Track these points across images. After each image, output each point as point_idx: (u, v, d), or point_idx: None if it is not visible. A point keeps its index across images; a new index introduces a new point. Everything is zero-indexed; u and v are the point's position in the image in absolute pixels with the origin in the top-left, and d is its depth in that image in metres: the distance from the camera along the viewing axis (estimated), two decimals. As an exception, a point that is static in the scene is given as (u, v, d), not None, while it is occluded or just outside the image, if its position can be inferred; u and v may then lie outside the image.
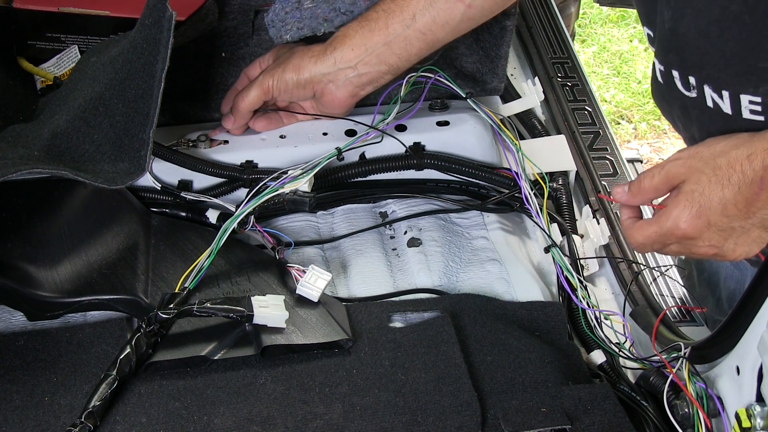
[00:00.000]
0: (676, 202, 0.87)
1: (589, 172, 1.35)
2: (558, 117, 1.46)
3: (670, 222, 0.87)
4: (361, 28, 1.17)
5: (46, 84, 1.31)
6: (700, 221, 0.85)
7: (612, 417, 0.94)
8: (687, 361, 0.95)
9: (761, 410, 0.81)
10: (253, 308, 0.99)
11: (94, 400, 0.90)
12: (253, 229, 1.11)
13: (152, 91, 1.04)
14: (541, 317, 1.09)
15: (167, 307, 0.98)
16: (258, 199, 1.09)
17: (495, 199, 1.24)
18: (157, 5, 1.04)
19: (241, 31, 1.28)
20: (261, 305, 1.00)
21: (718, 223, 0.85)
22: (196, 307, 0.97)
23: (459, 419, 0.92)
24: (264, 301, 1.00)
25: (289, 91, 1.21)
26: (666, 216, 0.88)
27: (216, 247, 1.05)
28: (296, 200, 1.09)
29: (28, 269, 1.03)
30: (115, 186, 1.03)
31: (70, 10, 1.28)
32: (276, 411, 0.93)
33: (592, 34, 3.82)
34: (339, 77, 1.19)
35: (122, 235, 1.10)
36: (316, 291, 1.04)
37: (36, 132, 1.11)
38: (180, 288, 1.02)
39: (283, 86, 1.20)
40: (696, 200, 0.85)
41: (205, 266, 1.04)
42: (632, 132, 3.39)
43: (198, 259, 1.05)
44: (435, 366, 0.99)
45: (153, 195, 1.18)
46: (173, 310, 0.97)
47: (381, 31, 1.15)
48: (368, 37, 1.16)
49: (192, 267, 1.04)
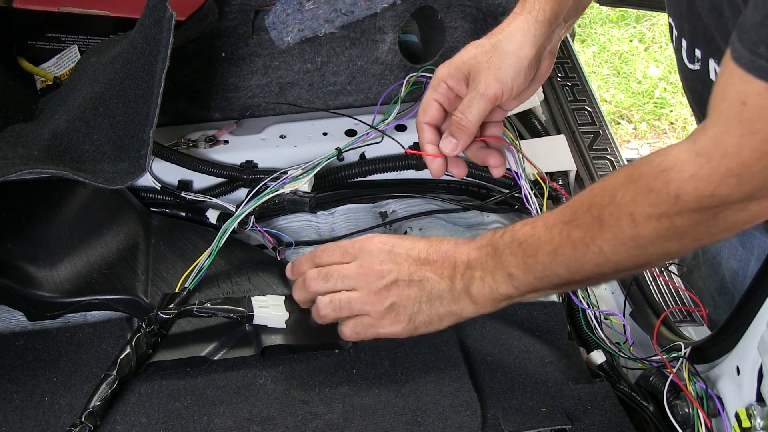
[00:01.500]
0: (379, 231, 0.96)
1: (589, 172, 1.35)
2: (558, 117, 1.46)
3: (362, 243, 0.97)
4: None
5: (46, 84, 1.31)
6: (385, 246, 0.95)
7: (612, 417, 0.94)
8: (687, 361, 0.95)
9: (761, 410, 0.81)
10: (253, 308, 0.99)
11: (94, 400, 0.90)
12: (254, 229, 1.11)
13: (152, 91, 1.04)
14: (541, 317, 1.09)
15: (167, 307, 0.98)
16: (258, 199, 1.09)
17: (495, 199, 1.24)
18: (157, 5, 1.04)
19: (241, 31, 1.28)
20: (261, 305, 0.99)
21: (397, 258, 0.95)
22: (196, 308, 0.97)
23: (459, 419, 0.92)
24: (264, 302, 1.00)
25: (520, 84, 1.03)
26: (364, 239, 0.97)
27: (216, 247, 1.05)
28: (296, 200, 1.09)
29: (28, 269, 1.03)
30: (115, 186, 1.03)
31: (70, 10, 1.28)
32: (276, 411, 0.93)
33: (592, 34, 3.82)
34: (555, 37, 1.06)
35: (122, 235, 1.10)
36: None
37: (36, 132, 1.11)
38: (180, 288, 1.02)
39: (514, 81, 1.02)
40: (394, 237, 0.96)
41: (205, 266, 1.05)
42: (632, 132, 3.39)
43: (198, 259, 1.05)
44: (435, 366, 0.99)
45: (153, 195, 1.18)
46: (173, 311, 0.97)
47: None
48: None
49: (192, 267, 1.04)
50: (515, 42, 1.02)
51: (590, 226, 0.81)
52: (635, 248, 0.80)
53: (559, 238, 0.84)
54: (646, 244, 0.80)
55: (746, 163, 0.71)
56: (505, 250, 0.89)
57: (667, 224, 0.77)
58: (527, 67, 1.02)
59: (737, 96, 0.69)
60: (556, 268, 0.86)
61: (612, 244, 0.81)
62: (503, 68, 1.01)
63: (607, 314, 1.11)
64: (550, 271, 0.86)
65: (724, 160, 0.71)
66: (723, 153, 0.72)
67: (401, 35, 1.37)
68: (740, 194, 0.73)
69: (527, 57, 1.02)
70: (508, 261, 0.89)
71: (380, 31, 1.33)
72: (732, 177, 0.72)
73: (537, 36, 1.02)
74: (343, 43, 1.32)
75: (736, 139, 0.70)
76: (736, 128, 0.70)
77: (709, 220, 0.76)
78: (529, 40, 1.02)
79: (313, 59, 1.33)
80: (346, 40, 1.32)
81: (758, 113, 0.68)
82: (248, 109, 1.34)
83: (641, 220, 0.78)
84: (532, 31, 1.02)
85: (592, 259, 0.83)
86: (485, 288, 0.90)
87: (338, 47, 1.33)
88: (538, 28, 1.02)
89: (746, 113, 0.69)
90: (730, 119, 0.71)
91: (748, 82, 0.68)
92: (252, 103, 1.34)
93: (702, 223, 0.76)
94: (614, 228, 0.80)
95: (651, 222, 0.77)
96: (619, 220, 0.79)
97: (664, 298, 1.16)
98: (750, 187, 0.72)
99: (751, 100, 0.68)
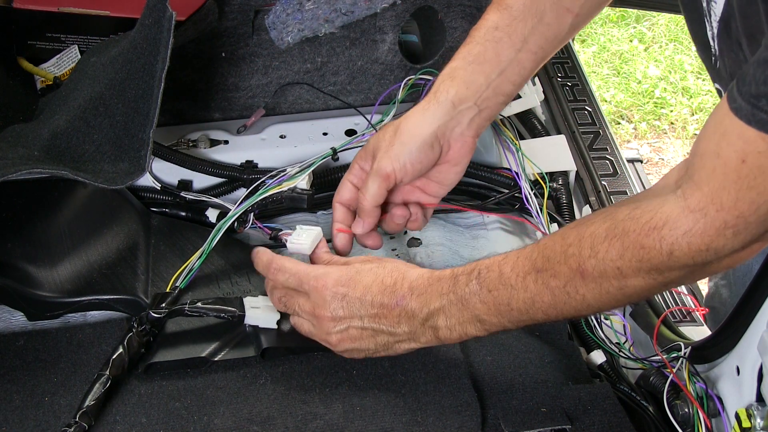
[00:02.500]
0: (337, 262, 0.97)
1: (589, 172, 1.35)
2: (558, 117, 1.46)
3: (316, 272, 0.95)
4: (468, 63, 1.05)
5: (46, 84, 1.31)
6: (341, 288, 0.93)
7: (612, 417, 0.94)
8: (687, 361, 0.95)
9: (761, 410, 0.81)
10: (244, 309, 0.99)
11: (88, 399, 0.91)
12: (254, 227, 1.11)
13: (152, 91, 1.04)
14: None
15: (159, 306, 0.98)
16: (254, 197, 1.09)
17: (495, 199, 1.24)
18: (157, 5, 1.04)
19: (241, 31, 1.28)
20: (253, 306, 1.00)
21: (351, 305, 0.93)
22: (188, 307, 0.97)
23: (459, 419, 0.92)
24: (256, 302, 1.00)
25: (414, 163, 1.03)
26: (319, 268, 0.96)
27: (208, 246, 1.05)
28: (294, 197, 1.09)
29: (28, 269, 1.03)
30: (115, 186, 1.03)
31: (70, 10, 1.28)
32: (276, 411, 0.93)
33: (592, 34, 3.82)
34: (463, 120, 1.05)
35: (122, 235, 1.10)
36: (307, 245, 1.02)
37: (36, 132, 1.11)
38: (171, 287, 1.03)
39: (407, 159, 1.03)
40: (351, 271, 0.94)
41: (196, 266, 1.05)
42: (632, 132, 3.39)
43: (190, 258, 1.05)
44: (435, 366, 0.99)
45: (153, 195, 1.18)
46: (164, 310, 0.97)
47: (491, 61, 1.05)
48: (479, 70, 1.05)
49: (183, 267, 1.04)
50: (412, 121, 1.04)
51: (570, 278, 0.82)
52: (620, 296, 0.82)
53: (534, 287, 0.85)
54: (632, 294, 0.81)
55: (742, 215, 0.71)
56: (473, 297, 0.88)
57: (657, 277, 0.78)
58: (422, 146, 1.03)
59: (736, 154, 0.69)
60: (533, 313, 0.86)
61: (596, 294, 0.82)
62: (398, 147, 1.03)
63: (607, 314, 1.11)
64: (527, 316, 0.87)
65: (720, 214, 0.72)
66: (719, 207, 0.72)
67: (401, 35, 1.37)
68: (735, 245, 0.74)
69: (422, 135, 1.03)
70: (477, 308, 0.88)
71: (380, 31, 1.33)
72: (728, 229, 0.73)
73: (436, 116, 1.03)
74: (343, 43, 1.32)
75: (733, 194, 0.71)
76: (734, 184, 0.70)
77: (699, 270, 0.78)
78: (427, 120, 1.03)
79: (313, 59, 1.33)
80: (346, 40, 1.32)
81: (758, 170, 0.69)
82: (248, 109, 1.34)
83: (630, 274, 0.79)
84: (430, 111, 1.04)
85: (573, 306, 0.84)
86: (453, 333, 0.91)
87: (338, 47, 1.33)
88: (438, 109, 1.04)
89: (745, 170, 0.69)
90: (727, 176, 0.71)
91: (748, 140, 0.68)
92: (252, 103, 1.34)
93: (692, 274, 0.78)
94: (599, 280, 0.81)
95: (640, 275, 0.79)
96: (605, 273, 0.80)
97: (664, 298, 1.16)
98: (745, 237, 0.73)
99: (751, 158, 0.69)
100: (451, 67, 1.06)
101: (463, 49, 1.06)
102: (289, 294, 0.97)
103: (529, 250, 0.87)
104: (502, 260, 0.88)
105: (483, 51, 1.05)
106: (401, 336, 0.93)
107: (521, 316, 0.87)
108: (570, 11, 1.06)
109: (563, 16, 1.06)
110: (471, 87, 1.04)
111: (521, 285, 0.85)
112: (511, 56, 1.05)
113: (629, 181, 1.35)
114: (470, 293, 0.88)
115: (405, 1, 1.30)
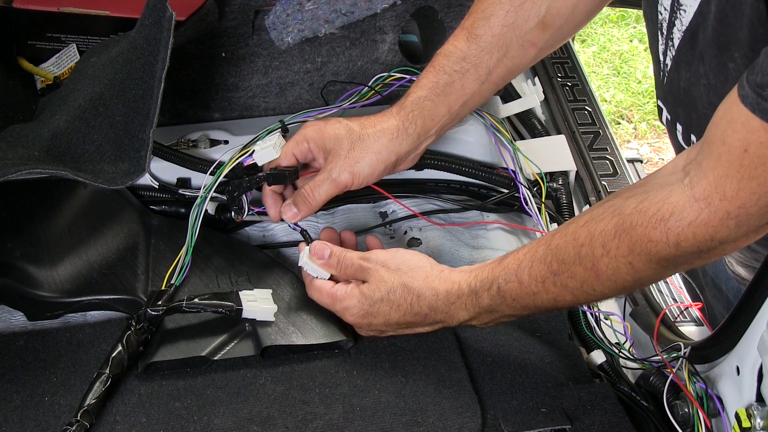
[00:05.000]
0: (352, 294, 0.99)
1: (589, 172, 1.35)
2: (558, 117, 1.46)
3: (339, 306, 1.00)
4: (436, 95, 1.10)
5: (46, 84, 1.31)
6: (364, 320, 0.99)
7: (612, 417, 0.94)
8: (687, 361, 0.95)
9: (761, 410, 0.81)
10: (241, 303, 0.99)
11: (89, 398, 0.91)
12: (252, 213, 1.12)
13: (152, 91, 1.04)
14: (541, 318, 1.09)
15: (155, 304, 0.98)
16: (219, 173, 1.09)
17: (495, 199, 1.24)
18: (157, 5, 1.04)
19: (241, 31, 1.28)
20: (249, 299, 1.00)
21: (377, 327, 1.00)
22: (185, 303, 0.98)
23: (459, 420, 0.92)
24: (252, 295, 1.01)
25: (370, 179, 1.10)
26: (339, 301, 1.00)
27: (191, 233, 1.06)
28: (277, 175, 1.09)
29: (28, 269, 1.03)
30: (115, 186, 1.03)
31: (70, 10, 1.28)
32: (276, 411, 0.93)
33: (592, 34, 3.82)
34: (422, 146, 1.13)
35: (122, 235, 1.10)
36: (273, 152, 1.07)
37: (36, 132, 1.11)
38: (166, 285, 1.03)
39: (367, 175, 1.08)
40: (366, 305, 0.98)
41: (186, 260, 1.05)
42: (632, 132, 3.39)
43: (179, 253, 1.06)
44: (435, 367, 0.99)
45: (151, 193, 1.18)
46: (162, 307, 0.97)
47: (457, 93, 1.10)
48: (444, 102, 1.10)
49: (174, 263, 1.05)
50: (380, 144, 1.08)
51: (586, 279, 0.87)
52: (635, 285, 0.87)
53: (555, 289, 0.89)
54: (646, 282, 0.88)
55: (744, 206, 0.73)
56: (500, 306, 0.94)
57: (667, 265, 0.82)
58: (383, 168, 1.10)
59: (739, 143, 0.71)
60: (560, 306, 0.93)
61: (611, 287, 0.87)
62: (360, 163, 1.08)
63: (607, 314, 1.11)
64: (555, 308, 0.94)
65: (723, 204, 0.74)
66: (722, 197, 0.74)
67: (401, 35, 1.37)
68: (737, 235, 0.76)
69: (385, 161, 1.09)
70: (505, 312, 0.95)
71: (380, 31, 1.33)
72: (731, 220, 0.74)
73: (403, 145, 1.10)
74: (343, 43, 1.32)
75: (735, 183, 0.72)
76: (737, 173, 0.72)
77: (704, 257, 0.81)
78: (394, 148, 1.09)
79: (313, 59, 1.33)
80: (346, 40, 1.32)
81: (759, 160, 0.70)
82: (248, 109, 1.34)
83: (641, 267, 0.82)
84: (398, 140, 1.09)
85: (594, 297, 0.92)
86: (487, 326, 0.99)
87: (338, 47, 1.33)
88: (406, 140, 1.09)
89: (747, 159, 0.71)
90: (731, 164, 0.72)
91: (751, 129, 0.69)
92: (252, 103, 1.34)
93: (697, 260, 0.81)
94: (613, 277, 0.85)
95: (651, 266, 0.82)
96: (618, 270, 0.84)
97: (664, 298, 1.16)
98: (747, 228, 0.75)
99: (753, 148, 0.70)
100: (419, 97, 1.10)
101: (431, 76, 1.11)
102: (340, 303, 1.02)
103: (542, 253, 0.90)
104: (517, 268, 0.92)
105: (450, 82, 1.10)
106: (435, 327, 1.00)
107: (550, 309, 0.94)
108: (534, 45, 1.10)
109: (527, 49, 1.10)
110: (435, 118, 1.10)
111: (542, 289, 0.90)
112: (475, 88, 1.11)
113: (629, 181, 1.35)
114: (496, 304, 0.94)
115: (405, 1, 1.30)
